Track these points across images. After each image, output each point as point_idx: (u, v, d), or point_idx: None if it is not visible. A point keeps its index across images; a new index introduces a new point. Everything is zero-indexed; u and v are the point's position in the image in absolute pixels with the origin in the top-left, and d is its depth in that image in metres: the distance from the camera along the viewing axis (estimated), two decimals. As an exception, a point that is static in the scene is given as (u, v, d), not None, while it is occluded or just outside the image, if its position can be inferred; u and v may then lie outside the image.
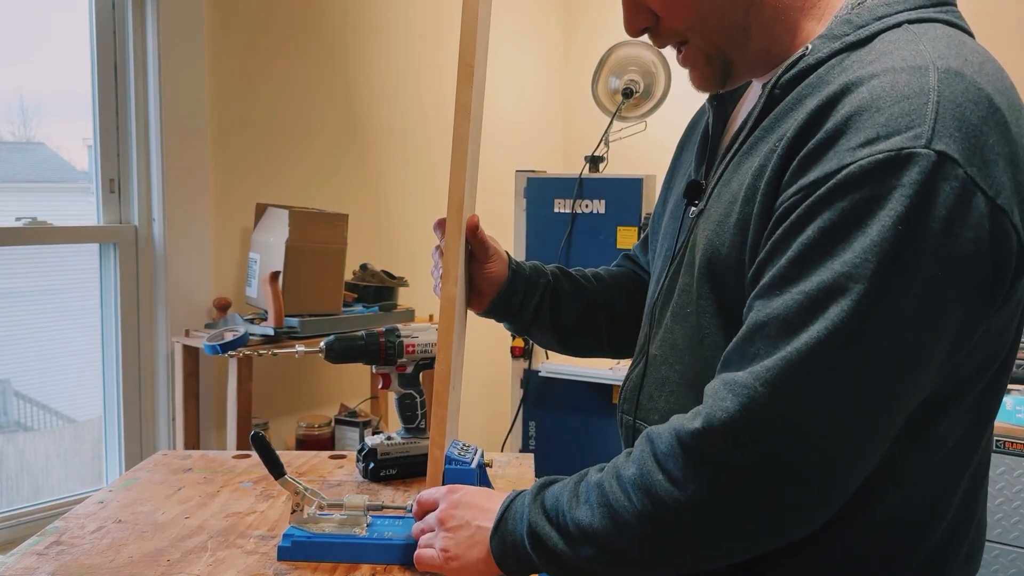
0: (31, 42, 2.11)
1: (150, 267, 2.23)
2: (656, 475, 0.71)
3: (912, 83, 0.65)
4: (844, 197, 0.65)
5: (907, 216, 0.62)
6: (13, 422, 2.21)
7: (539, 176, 2.69)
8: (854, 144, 0.65)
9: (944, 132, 0.63)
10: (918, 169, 0.62)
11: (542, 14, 3.57)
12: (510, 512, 0.84)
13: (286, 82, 2.49)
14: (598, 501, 0.76)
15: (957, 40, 0.70)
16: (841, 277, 0.64)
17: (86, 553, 1.01)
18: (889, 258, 0.63)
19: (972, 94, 0.65)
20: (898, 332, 0.64)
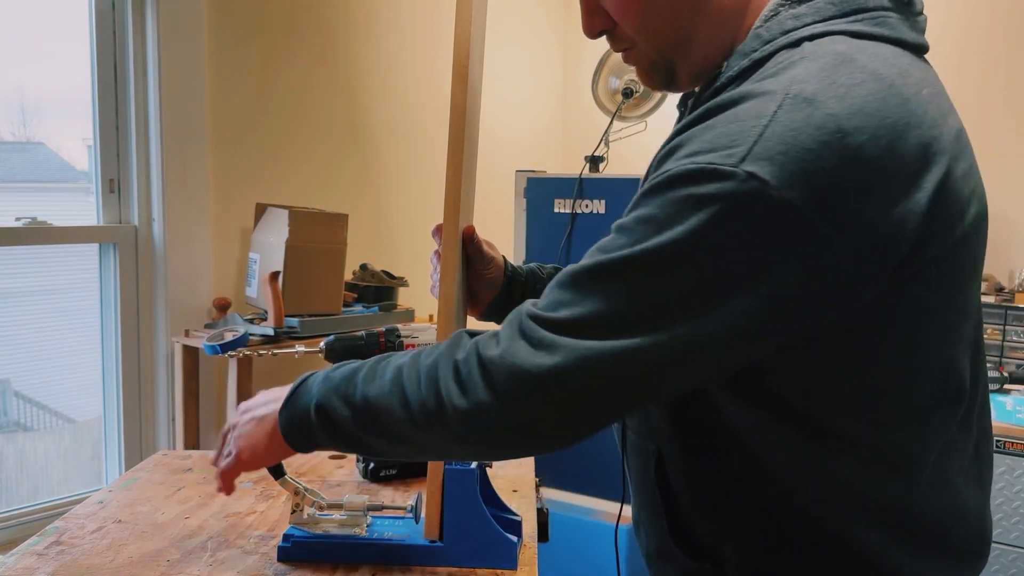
0: (31, 42, 2.11)
1: (150, 267, 2.23)
2: (447, 375, 0.75)
3: (753, 108, 0.67)
4: (653, 197, 0.69)
5: (697, 226, 0.65)
6: (13, 422, 2.20)
7: (539, 176, 2.69)
8: (683, 155, 0.68)
9: (761, 155, 0.64)
10: (718, 186, 0.65)
11: (542, 14, 3.57)
12: (303, 388, 0.86)
13: (286, 82, 2.49)
14: (392, 379, 0.79)
15: (843, 59, 0.69)
16: (630, 266, 0.68)
17: (86, 553, 1.00)
18: (672, 255, 0.67)
19: (816, 120, 0.64)
20: (685, 331, 0.67)
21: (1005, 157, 2.71)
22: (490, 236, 1.16)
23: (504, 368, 0.71)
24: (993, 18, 2.73)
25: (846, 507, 0.75)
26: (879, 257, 0.66)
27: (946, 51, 2.74)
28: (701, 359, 0.69)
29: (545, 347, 0.70)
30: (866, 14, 0.74)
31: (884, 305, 0.69)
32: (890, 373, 0.72)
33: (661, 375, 0.70)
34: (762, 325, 0.68)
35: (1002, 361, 2.43)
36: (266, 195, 2.40)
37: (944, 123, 0.71)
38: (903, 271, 0.68)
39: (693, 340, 0.68)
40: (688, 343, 0.68)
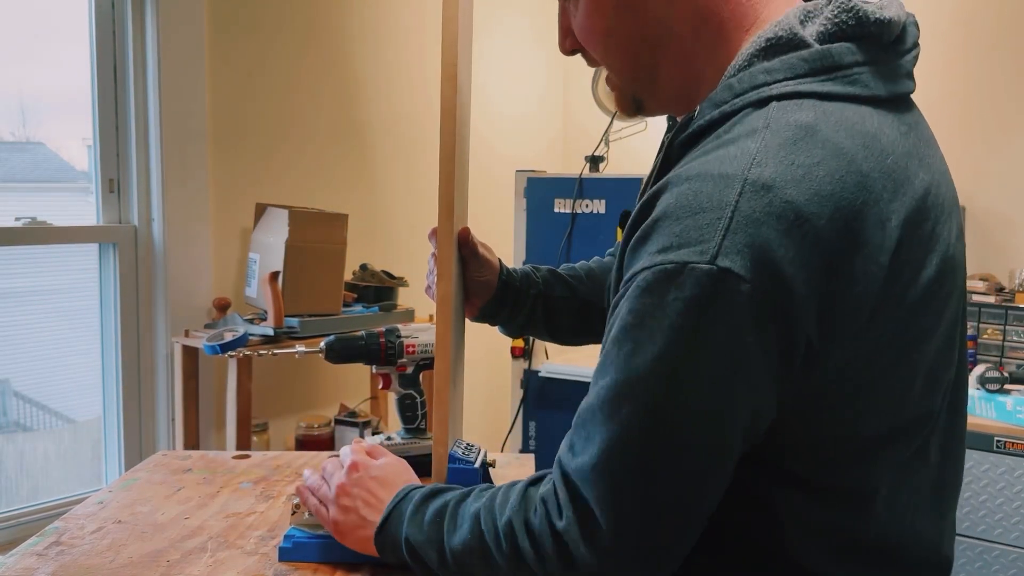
0: (31, 42, 2.11)
1: (149, 267, 2.23)
2: (525, 544, 0.77)
3: (714, 195, 0.67)
4: (638, 301, 0.69)
5: (685, 326, 0.66)
6: (12, 422, 2.20)
7: (539, 176, 2.69)
8: (654, 248, 0.69)
9: (731, 249, 0.65)
10: (697, 283, 0.66)
11: (542, 14, 3.57)
12: (394, 515, 0.89)
13: (286, 82, 2.49)
14: (472, 533, 0.81)
15: (805, 132, 0.69)
16: (633, 383, 0.69)
17: (86, 554, 1.00)
18: (671, 367, 0.68)
19: (776, 208, 0.65)
20: (685, 437, 0.69)
21: (1004, 157, 2.71)
22: (490, 236, 1.17)
23: (570, 543, 0.73)
24: (995, 12, 2.73)
25: (799, 538, 0.76)
26: (842, 330, 0.68)
27: (945, 48, 2.74)
28: (725, 456, 0.71)
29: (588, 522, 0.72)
30: (839, 72, 0.73)
31: (838, 369, 0.70)
32: (834, 420, 0.73)
33: (704, 481, 0.71)
34: (761, 402, 0.70)
35: (1002, 361, 2.43)
36: (266, 195, 2.40)
37: (906, 190, 0.71)
38: (860, 339, 0.70)
39: (715, 438, 0.69)
40: (711, 443, 0.70)
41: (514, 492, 0.80)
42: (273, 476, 1.29)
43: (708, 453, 0.70)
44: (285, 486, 1.25)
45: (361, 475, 0.96)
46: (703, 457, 0.70)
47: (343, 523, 0.95)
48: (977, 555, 2.19)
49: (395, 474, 0.97)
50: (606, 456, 0.71)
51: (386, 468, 0.98)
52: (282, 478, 1.29)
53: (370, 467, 0.98)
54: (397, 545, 0.87)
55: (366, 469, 0.97)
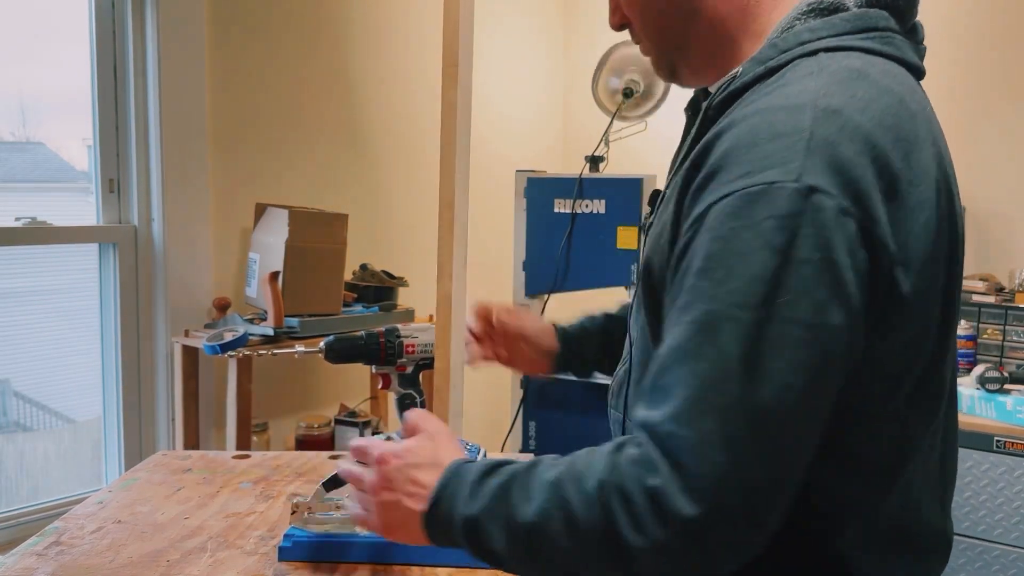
0: (31, 42, 2.11)
1: (149, 267, 2.23)
2: (616, 507, 0.70)
3: (788, 122, 0.69)
4: (724, 227, 0.68)
5: (784, 246, 0.66)
6: (12, 422, 2.20)
7: (539, 176, 2.69)
8: (731, 177, 0.69)
9: (814, 167, 0.67)
10: (790, 201, 0.66)
11: (542, 14, 3.57)
12: (445, 496, 0.79)
13: (286, 82, 2.49)
14: (551, 502, 0.73)
15: (858, 74, 0.73)
16: (730, 306, 0.67)
17: (85, 554, 1.00)
18: (771, 286, 0.66)
19: (848, 131, 0.69)
20: (796, 355, 0.66)
21: (1004, 157, 2.71)
22: (490, 236, 1.17)
23: (668, 498, 0.67)
24: (995, 12, 2.73)
25: (827, 514, 0.76)
26: (912, 257, 0.70)
27: (946, 48, 2.74)
28: (828, 384, 0.69)
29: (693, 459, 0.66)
30: (876, 32, 0.78)
31: (908, 306, 0.71)
32: (878, 374, 0.73)
33: (808, 412, 0.68)
34: (852, 337, 0.68)
35: (1002, 361, 2.43)
36: (266, 195, 2.40)
37: (942, 145, 0.77)
38: (924, 274, 0.71)
39: (821, 365, 0.67)
40: (817, 371, 0.67)
41: (599, 457, 0.73)
42: (273, 476, 1.29)
43: (812, 378, 0.67)
44: (285, 486, 1.25)
45: (394, 465, 0.85)
46: (807, 384, 0.67)
47: (388, 517, 0.85)
48: (977, 555, 2.19)
49: (433, 453, 0.86)
50: (701, 394, 0.67)
51: (422, 450, 0.86)
52: (282, 478, 1.29)
53: (401, 454, 0.86)
54: (451, 526, 0.78)
55: (393, 463, 0.85)
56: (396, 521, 0.84)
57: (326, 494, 1.04)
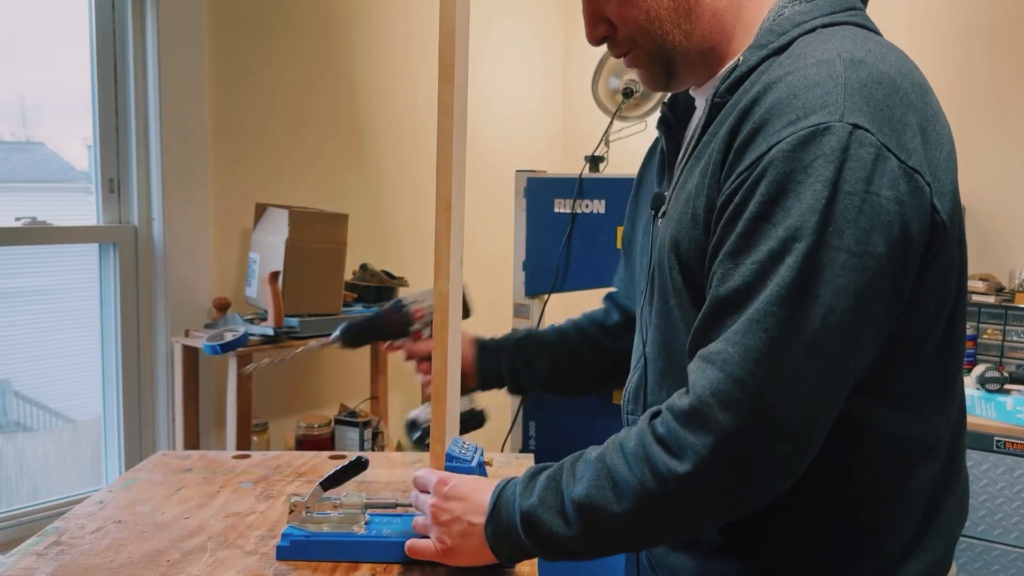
0: (31, 42, 2.11)
1: (149, 267, 2.23)
2: (655, 448, 0.75)
3: (821, 72, 0.75)
4: (777, 171, 0.73)
5: (833, 179, 0.71)
6: (12, 422, 2.20)
7: (539, 176, 2.69)
8: (778, 127, 0.74)
9: (854, 107, 0.72)
10: (836, 139, 0.71)
11: (542, 14, 3.57)
12: (502, 500, 0.86)
13: (286, 82, 2.49)
14: (598, 473, 0.79)
15: (863, 36, 0.80)
16: (786, 240, 0.72)
17: (86, 553, 1.00)
18: (823, 216, 0.71)
19: (876, 76, 0.74)
20: (842, 281, 0.71)
21: (1004, 157, 2.71)
22: (490, 236, 1.17)
23: (706, 411, 0.72)
24: (995, 11, 2.73)
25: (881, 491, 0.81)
26: (944, 191, 0.76)
27: (946, 48, 2.74)
28: (873, 314, 0.73)
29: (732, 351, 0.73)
30: (855, 11, 0.85)
31: (939, 231, 0.76)
32: (920, 309, 0.78)
33: (856, 335, 0.72)
34: (904, 271, 0.74)
35: (1002, 361, 2.43)
36: (266, 195, 2.40)
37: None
38: (954, 217, 0.77)
39: (864, 292, 0.71)
40: (860, 297, 0.71)
41: (638, 423, 0.80)
42: (273, 476, 1.29)
43: (857, 303, 0.71)
44: (285, 486, 1.25)
45: (450, 488, 0.91)
46: (851, 308, 0.71)
47: (448, 536, 0.89)
48: (977, 555, 2.19)
49: (485, 480, 0.93)
50: (754, 316, 0.71)
51: (473, 477, 0.94)
52: (282, 478, 1.29)
53: (455, 481, 0.93)
54: (513, 528, 0.83)
55: (452, 483, 0.92)
56: (458, 537, 0.89)
57: (324, 493, 1.04)
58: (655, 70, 0.92)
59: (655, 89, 0.95)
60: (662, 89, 0.95)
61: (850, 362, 0.73)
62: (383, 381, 2.70)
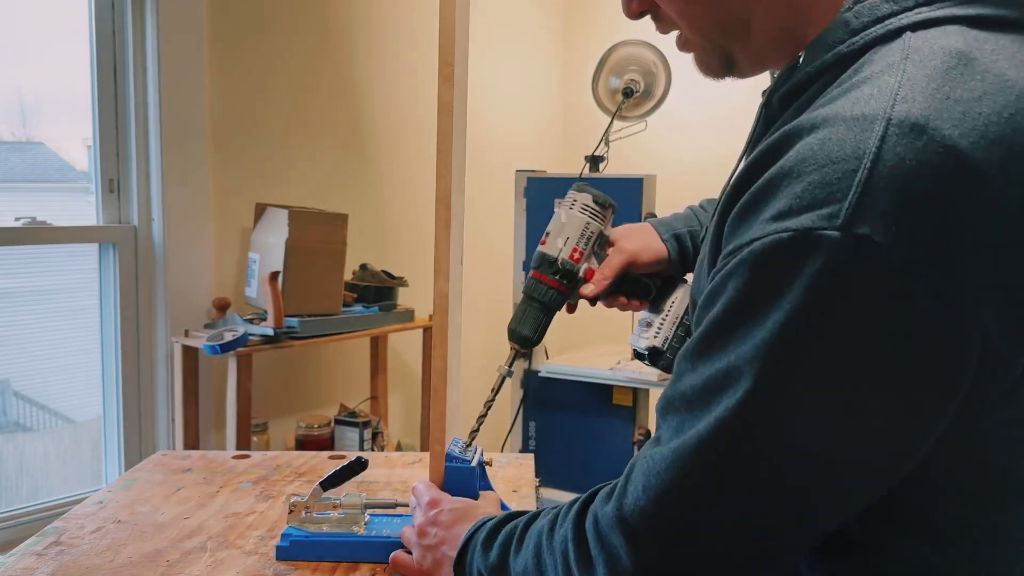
0: (30, 42, 2.11)
1: (149, 267, 2.23)
2: (571, 553, 0.67)
3: (848, 141, 0.53)
4: (747, 277, 0.56)
5: (808, 311, 0.52)
6: (12, 422, 2.20)
7: (539, 176, 2.69)
8: (768, 215, 0.55)
9: (871, 210, 0.51)
10: (825, 257, 0.51)
11: (542, 14, 3.57)
12: (469, 547, 0.85)
13: (286, 82, 2.49)
14: (533, 552, 0.73)
15: (958, 59, 0.55)
16: (733, 368, 0.56)
17: (85, 553, 1.00)
18: (782, 358, 0.53)
19: (931, 155, 0.51)
20: (787, 440, 0.55)
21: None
22: (490, 236, 1.16)
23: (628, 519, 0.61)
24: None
25: None
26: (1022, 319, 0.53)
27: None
28: (840, 494, 0.57)
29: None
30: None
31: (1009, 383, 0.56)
32: (1009, 458, 0.61)
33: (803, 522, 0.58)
34: (907, 432, 0.55)
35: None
36: (266, 195, 2.40)
37: None
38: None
39: (830, 470, 0.55)
40: (823, 473, 0.55)
41: (574, 505, 0.71)
42: (273, 476, 1.29)
43: (819, 482, 0.56)
44: (285, 486, 1.25)
45: (437, 513, 0.92)
46: (809, 487, 0.56)
47: (427, 560, 0.90)
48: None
49: (472, 507, 0.92)
50: (685, 452, 0.58)
51: (464, 502, 0.94)
52: (282, 478, 1.29)
53: (443, 504, 0.93)
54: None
55: (440, 507, 0.92)
56: (435, 564, 0.88)
57: (323, 493, 1.04)
58: (709, 60, 0.73)
59: (710, 77, 0.75)
60: (719, 78, 0.75)
61: (799, 533, 0.59)
62: (383, 381, 2.70)
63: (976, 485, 0.60)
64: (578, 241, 1.01)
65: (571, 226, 1.02)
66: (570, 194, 1.04)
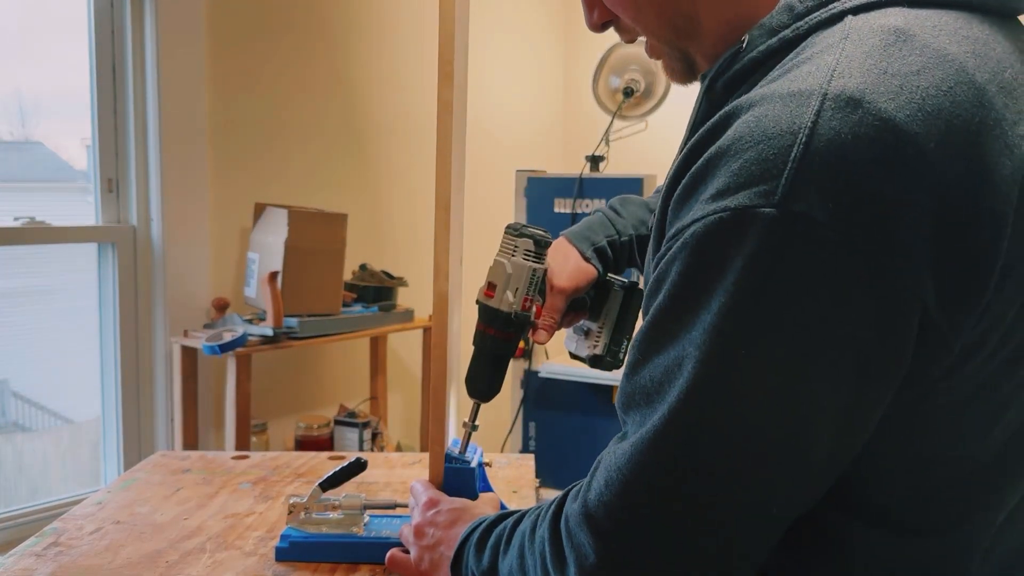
0: (29, 41, 2.11)
1: (148, 267, 2.22)
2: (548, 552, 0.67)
3: (784, 117, 0.52)
4: (690, 260, 0.55)
5: (750, 291, 0.52)
6: (11, 423, 2.20)
7: (539, 176, 2.68)
8: (707, 195, 0.55)
9: (806, 185, 0.50)
10: (763, 235, 0.51)
11: (542, 13, 3.57)
12: (464, 548, 0.85)
13: (285, 82, 2.48)
14: (518, 553, 0.73)
15: (896, 36, 0.55)
16: (683, 355, 0.55)
17: (84, 554, 1.00)
18: (727, 340, 0.53)
19: (867, 128, 0.50)
20: (739, 423, 0.54)
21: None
22: (490, 236, 1.16)
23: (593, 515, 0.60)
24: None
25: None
26: (968, 294, 0.53)
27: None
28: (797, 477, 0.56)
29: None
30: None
31: (966, 352, 0.55)
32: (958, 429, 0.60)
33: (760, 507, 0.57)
34: (855, 403, 0.54)
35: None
36: (265, 195, 2.40)
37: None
38: (991, 310, 0.54)
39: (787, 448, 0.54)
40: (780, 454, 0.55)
41: (552, 505, 0.71)
42: (272, 477, 1.29)
43: (774, 464, 0.55)
44: (284, 487, 1.25)
45: (434, 513, 0.92)
46: (764, 470, 0.55)
47: (424, 560, 0.89)
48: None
49: (470, 507, 0.92)
50: (643, 445, 0.57)
51: (461, 502, 0.93)
52: (281, 479, 1.28)
53: (441, 504, 0.93)
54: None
55: (438, 507, 0.92)
56: (432, 565, 0.88)
57: (323, 494, 1.03)
58: (674, 63, 0.74)
59: (678, 82, 0.75)
60: (686, 83, 0.75)
61: (755, 520, 0.57)
62: (383, 381, 2.69)
63: (927, 474, 0.60)
64: (527, 290, 0.98)
65: (517, 276, 0.98)
66: (508, 240, 1.00)
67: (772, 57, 0.61)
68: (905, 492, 0.60)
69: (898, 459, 0.59)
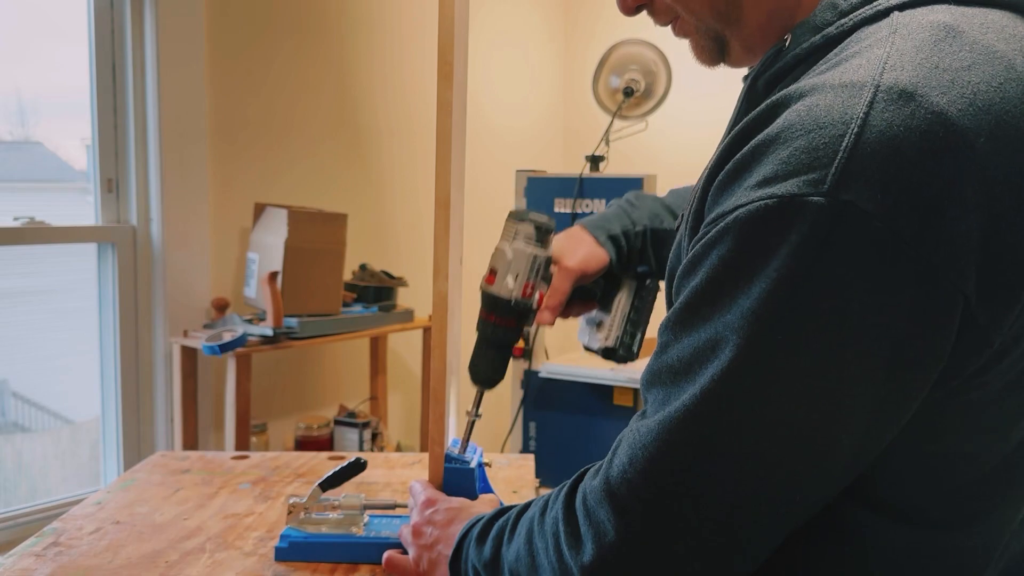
0: (29, 41, 2.11)
1: (148, 267, 2.22)
2: (562, 532, 0.66)
3: (836, 107, 0.52)
4: (732, 244, 0.55)
5: (793, 279, 0.52)
6: (10, 423, 2.20)
7: (539, 176, 2.68)
8: (753, 181, 0.55)
9: (856, 175, 0.50)
10: (810, 223, 0.51)
11: (543, 13, 3.57)
12: (464, 544, 0.84)
13: (285, 82, 2.48)
14: (525, 538, 0.72)
15: (946, 32, 0.55)
16: (718, 338, 0.55)
17: (84, 554, 1.00)
18: (767, 326, 0.53)
19: (919, 120, 0.51)
20: (773, 409, 0.54)
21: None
22: (490, 236, 1.16)
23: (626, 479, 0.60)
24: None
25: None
26: (1012, 291, 0.53)
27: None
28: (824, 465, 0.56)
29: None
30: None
31: (1005, 349, 0.55)
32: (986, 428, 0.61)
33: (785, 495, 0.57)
34: (891, 395, 0.54)
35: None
36: (265, 195, 2.40)
37: None
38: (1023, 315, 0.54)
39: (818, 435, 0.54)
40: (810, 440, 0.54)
41: (564, 488, 0.70)
42: (272, 477, 1.29)
43: (803, 452, 0.55)
44: (284, 487, 1.24)
45: (432, 512, 0.91)
46: (793, 457, 0.55)
47: (422, 560, 0.89)
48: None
49: (468, 506, 0.92)
50: (671, 424, 0.57)
51: (459, 502, 0.93)
52: (281, 479, 1.28)
53: (438, 504, 0.92)
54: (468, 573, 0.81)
55: (435, 507, 0.92)
56: (431, 564, 0.88)
57: (322, 494, 1.03)
58: (704, 43, 0.73)
59: (705, 63, 0.75)
60: (714, 64, 0.75)
61: (779, 509, 0.58)
62: (383, 382, 2.69)
63: (949, 469, 0.60)
64: (528, 276, 0.97)
65: (518, 262, 0.97)
66: (509, 225, 0.99)
67: (815, 54, 0.62)
68: (926, 486, 0.60)
69: (921, 453, 0.59)
